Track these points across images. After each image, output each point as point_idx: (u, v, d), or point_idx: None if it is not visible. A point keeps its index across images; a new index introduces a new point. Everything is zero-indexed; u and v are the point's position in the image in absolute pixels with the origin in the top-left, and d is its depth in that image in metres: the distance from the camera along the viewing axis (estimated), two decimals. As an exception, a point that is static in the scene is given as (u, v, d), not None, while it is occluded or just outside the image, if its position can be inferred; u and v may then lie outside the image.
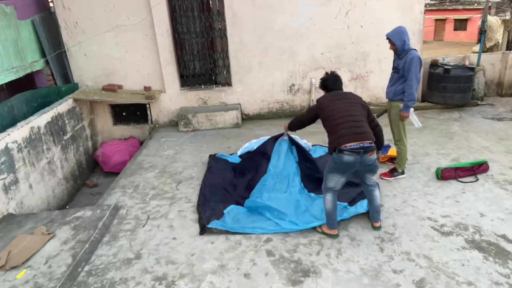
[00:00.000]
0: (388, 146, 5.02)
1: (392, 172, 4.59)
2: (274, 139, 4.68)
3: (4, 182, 4.17)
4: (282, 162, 4.36)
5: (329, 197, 3.44)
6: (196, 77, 7.40)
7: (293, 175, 4.26)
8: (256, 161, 4.60)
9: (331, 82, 3.69)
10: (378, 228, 3.62)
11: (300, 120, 3.93)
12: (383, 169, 4.75)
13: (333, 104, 3.49)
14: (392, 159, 4.91)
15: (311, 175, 4.40)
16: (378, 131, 3.55)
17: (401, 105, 4.32)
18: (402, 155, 4.53)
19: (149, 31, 6.77)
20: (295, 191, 4.13)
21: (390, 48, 4.30)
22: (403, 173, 4.60)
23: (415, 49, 4.22)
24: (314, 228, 3.63)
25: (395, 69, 4.38)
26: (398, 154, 4.58)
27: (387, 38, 4.24)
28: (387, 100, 4.57)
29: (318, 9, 6.78)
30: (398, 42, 4.15)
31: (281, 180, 4.18)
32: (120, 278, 3.18)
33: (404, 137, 4.47)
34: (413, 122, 4.48)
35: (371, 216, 3.66)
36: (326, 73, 3.75)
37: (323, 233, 3.57)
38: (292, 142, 4.59)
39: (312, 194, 4.16)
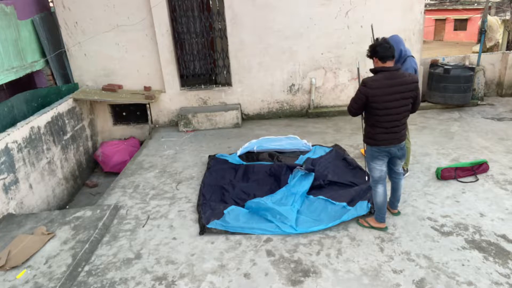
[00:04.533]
0: None
1: None
2: (290, 168, 4.61)
3: (4, 182, 4.17)
4: (292, 184, 4.32)
5: (379, 189, 3.44)
6: (196, 77, 7.40)
7: (299, 197, 4.13)
8: (265, 181, 4.57)
9: (383, 49, 3.14)
10: (398, 214, 3.77)
11: (354, 110, 3.30)
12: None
13: (383, 94, 3.09)
14: None
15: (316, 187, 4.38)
16: (417, 105, 3.36)
17: None
18: (408, 154, 4.53)
19: (149, 31, 6.77)
20: (298, 205, 4.08)
21: None
22: (407, 171, 4.62)
23: (412, 56, 4.17)
24: (357, 222, 3.68)
25: None
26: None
27: None
28: None
29: (318, 9, 6.78)
30: (395, 53, 4.10)
31: (287, 196, 4.15)
32: (120, 278, 3.18)
33: (408, 135, 4.49)
34: None
35: (391, 204, 3.76)
36: (377, 39, 3.27)
37: (371, 226, 3.60)
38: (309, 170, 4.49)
39: (311, 197, 4.15)
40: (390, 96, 3.11)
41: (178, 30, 7.05)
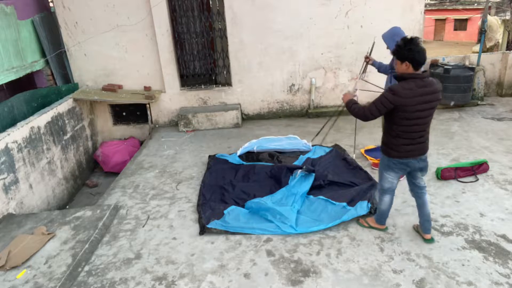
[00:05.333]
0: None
1: None
2: (291, 169, 4.59)
3: (4, 182, 4.17)
4: (293, 185, 4.31)
5: (387, 198, 3.31)
6: (196, 77, 7.40)
7: (300, 197, 4.13)
8: (266, 182, 4.56)
9: (421, 55, 2.77)
10: (431, 241, 3.33)
11: (372, 116, 2.97)
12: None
13: (415, 104, 2.79)
14: None
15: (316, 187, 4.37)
16: None
17: None
18: None
19: (149, 31, 6.77)
20: (298, 205, 4.07)
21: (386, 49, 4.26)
22: None
23: None
24: (358, 223, 3.65)
25: (392, 68, 4.41)
26: None
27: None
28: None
29: (318, 9, 6.78)
30: (391, 45, 4.07)
31: (287, 196, 4.15)
32: (120, 278, 3.18)
33: None
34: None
35: (422, 227, 3.35)
36: (411, 39, 2.83)
37: (370, 226, 3.56)
38: (309, 171, 4.47)
39: (311, 197, 4.16)
40: (421, 106, 2.81)
41: (178, 30, 7.05)
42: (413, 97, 2.78)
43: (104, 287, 3.08)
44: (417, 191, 3.30)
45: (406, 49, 2.79)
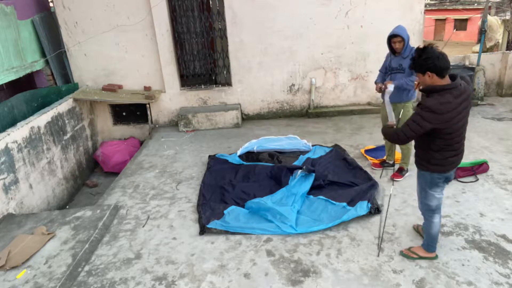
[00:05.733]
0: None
1: (401, 172, 4.58)
2: (291, 169, 4.57)
3: (4, 182, 4.17)
4: (293, 185, 4.31)
5: (436, 219, 3.00)
6: (196, 77, 7.40)
7: (300, 197, 4.12)
8: (266, 182, 4.56)
9: (442, 61, 2.53)
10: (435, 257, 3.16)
11: (409, 139, 2.77)
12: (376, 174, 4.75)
13: (455, 116, 2.57)
14: (381, 163, 4.89)
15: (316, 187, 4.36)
16: None
17: (412, 105, 4.28)
18: (408, 154, 4.51)
19: (149, 31, 6.77)
20: (298, 205, 4.06)
21: (395, 48, 4.16)
22: (407, 171, 4.61)
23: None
24: (402, 254, 3.21)
25: (396, 69, 4.23)
26: (406, 153, 4.52)
27: (394, 36, 4.09)
28: (388, 103, 4.21)
29: (318, 9, 6.78)
30: (407, 39, 4.07)
31: (287, 196, 4.15)
32: (120, 278, 3.18)
33: None
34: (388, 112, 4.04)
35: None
36: (425, 47, 2.59)
37: (420, 257, 3.14)
38: (309, 171, 4.45)
39: (311, 197, 4.15)
40: (461, 115, 2.60)
41: (178, 30, 7.05)
42: (453, 110, 2.54)
43: (104, 287, 3.08)
44: None
45: (422, 59, 2.56)
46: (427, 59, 2.54)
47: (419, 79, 2.69)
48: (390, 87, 3.97)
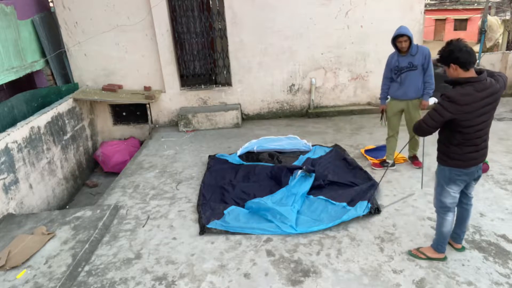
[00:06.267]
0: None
1: (416, 159, 4.88)
2: (291, 170, 4.57)
3: (4, 182, 4.17)
4: (293, 185, 4.31)
5: (449, 217, 2.96)
6: (196, 77, 7.40)
7: (300, 197, 4.11)
8: (266, 182, 4.56)
9: (466, 54, 2.58)
10: (462, 249, 3.22)
11: (429, 128, 2.76)
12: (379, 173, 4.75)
13: (475, 109, 2.58)
14: (381, 163, 4.90)
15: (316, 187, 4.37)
16: None
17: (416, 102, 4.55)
18: (418, 143, 4.80)
19: (149, 31, 6.77)
20: (298, 205, 4.06)
21: (401, 47, 4.35)
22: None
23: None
24: (410, 254, 3.21)
25: (407, 68, 4.43)
26: (416, 145, 4.84)
27: (400, 36, 4.29)
28: (395, 100, 4.65)
29: (318, 9, 6.78)
30: (412, 38, 4.31)
31: (287, 196, 4.15)
32: (120, 278, 3.18)
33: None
34: None
35: (456, 238, 3.21)
36: (451, 41, 2.67)
37: (428, 258, 3.13)
38: (309, 171, 4.45)
39: (311, 197, 4.15)
40: (482, 110, 2.60)
41: (178, 30, 7.05)
42: (473, 103, 2.57)
43: (104, 287, 3.08)
44: (466, 202, 3.08)
45: (447, 51, 2.65)
46: (451, 52, 2.61)
47: (446, 71, 2.73)
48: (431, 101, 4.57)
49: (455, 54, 2.59)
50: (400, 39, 4.30)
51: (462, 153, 2.74)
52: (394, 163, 4.80)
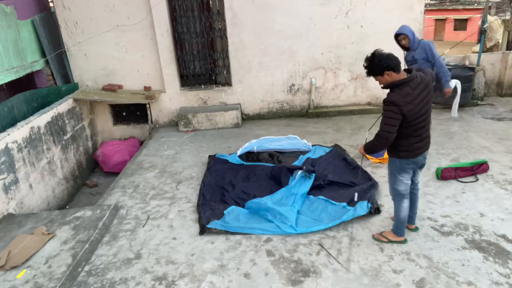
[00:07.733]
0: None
1: None
2: (291, 170, 4.56)
3: (4, 182, 4.17)
4: (293, 185, 4.31)
5: (405, 203, 3.22)
6: (196, 77, 7.40)
7: (299, 197, 4.12)
8: (266, 182, 4.56)
9: (391, 58, 2.81)
10: (416, 229, 3.53)
11: (392, 134, 2.89)
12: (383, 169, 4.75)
13: (416, 105, 2.82)
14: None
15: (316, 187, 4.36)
16: None
17: None
18: None
19: (149, 31, 6.77)
20: (298, 206, 4.06)
21: (403, 44, 4.73)
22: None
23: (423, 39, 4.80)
24: (374, 238, 3.45)
25: (410, 62, 4.76)
26: None
27: (399, 35, 4.68)
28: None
29: (318, 9, 6.78)
30: (410, 35, 4.63)
31: (287, 196, 4.15)
32: (120, 278, 3.18)
33: None
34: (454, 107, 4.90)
35: (409, 219, 3.43)
36: (373, 54, 2.85)
37: (390, 241, 3.38)
38: (309, 171, 4.45)
39: (311, 197, 4.15)
40: (421, 104, 2.86)
41: (178, 30, 7.05)
42: (413, 100, 2.82)
43: (104, 287, 3.08)
44: (413, 187, 3.38)
45: (376, 63, 2.82)
46: (380, 61, 2.81)
47: (380, 82, 2.93)
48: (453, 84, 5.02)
49: (385, 61, 2.79)
50: (399, 37, 4.72)
51: (408, 144, 2.99)
52: None
